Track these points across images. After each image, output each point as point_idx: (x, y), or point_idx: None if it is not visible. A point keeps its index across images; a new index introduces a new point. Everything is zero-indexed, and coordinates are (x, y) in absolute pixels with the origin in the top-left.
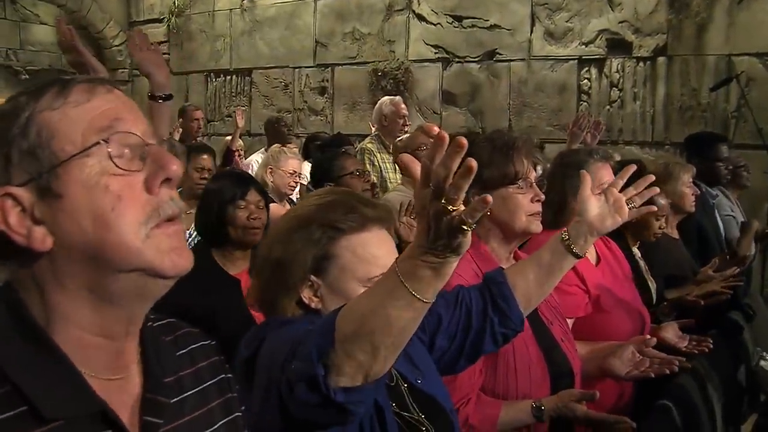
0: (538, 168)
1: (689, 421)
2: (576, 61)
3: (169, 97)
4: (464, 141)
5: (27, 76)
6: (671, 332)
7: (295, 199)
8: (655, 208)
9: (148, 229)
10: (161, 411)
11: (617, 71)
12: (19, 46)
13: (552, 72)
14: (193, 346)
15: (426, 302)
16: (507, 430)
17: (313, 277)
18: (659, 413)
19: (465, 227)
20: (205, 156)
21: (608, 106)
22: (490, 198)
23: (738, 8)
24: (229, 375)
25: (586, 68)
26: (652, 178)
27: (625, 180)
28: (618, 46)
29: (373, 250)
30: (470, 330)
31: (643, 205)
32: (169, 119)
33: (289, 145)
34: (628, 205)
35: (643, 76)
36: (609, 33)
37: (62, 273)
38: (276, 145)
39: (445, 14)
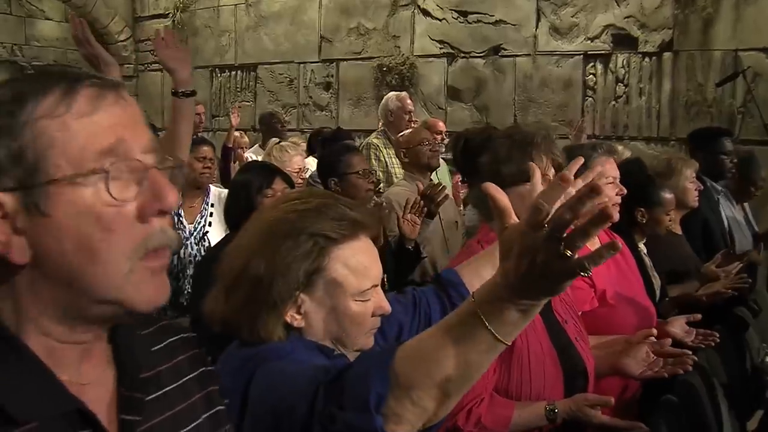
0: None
1: (695, 417)
2: (581, 56)
3: (192, 94)
4: (600, 187)
5: (32, 72)
6: (678, 327)
7: None
8: (618, 199)
9: (133, 262)
10: (139, 408)
11: (623, 66)
12: (24, 41)
13: (557, 67)
14: (172, 338)
15: (507, 344)
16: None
17: (300, 294)
18: (665, 409)
19: (584, 273)
20: (205, 147)
21: (613, 102)
22: (619, 246)
23: (744, 3)
24: (210, 368)
25: (592, 63)
26: (581, 160)
27: (573, 172)
28: (624, 41)
29: (365, 261)
30: None
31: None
32: (192, 115)
33: (294, 140)
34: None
35: (648, 72)
36: (614, 28)
37: (37, 287)
38: (274, 140)
39: (451, 9)
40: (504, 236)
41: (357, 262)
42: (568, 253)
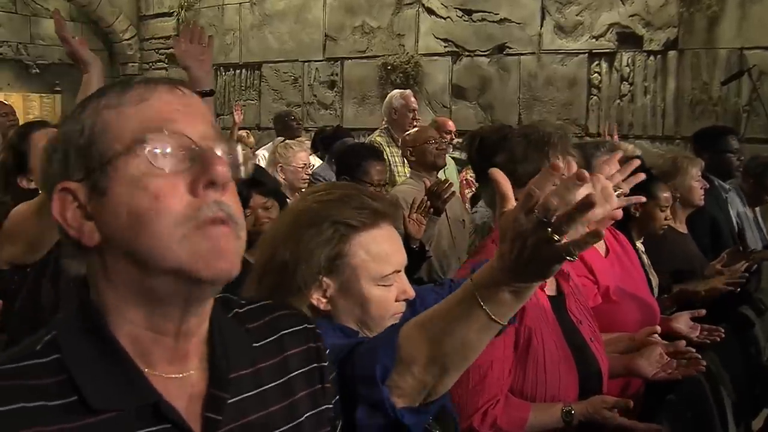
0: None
1: (699, 416)
2: (586, 54)
3: (209, 93)
4: (586, 174)
5: (37, 70)
6: (682, 323)
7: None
8: (643, 199)
9: (186, 230)
10: (222, 407)
11: (628, 65)
12: (29, 40)
13: (562, 66)
14: (285, 331)
15: (503, 325)
16: None
17: (324, 279)
18: (669, 408)
19: (570, 258)
20: None
21: (618, 100)
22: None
23: (750, 2)
24: (324, 363)
25: (597, 62)
26: (638, 162)
27: (611, 167)
28: (628, 39)
29: (386, 248)
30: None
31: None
32: (213, 115)
33: (299, 138)
34: (615, 191)
35: (653, 70)
36: (619, 27)
37: (109, 269)
38: (279, 139)
39: (455, 8)
40: (502, 220)
41: (378, 249)
42: (555, 237)
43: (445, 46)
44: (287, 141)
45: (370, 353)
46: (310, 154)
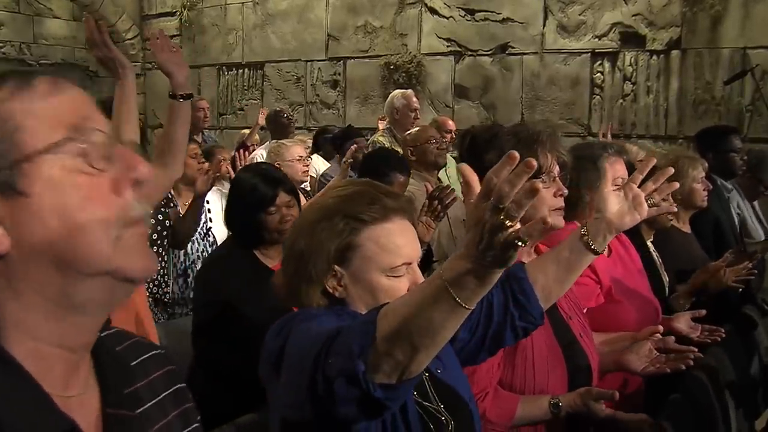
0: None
1: (702, 415)
2: (589, 54)
3: (189, 96)
4: (534, 162)
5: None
6: (683, 323)
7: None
8: (675, 209)
9: (118, 231)
10: (128, 425)
11: (630, 65)
12: (32, 39)
13: (565, 65)
14: (145, 356)
15: (468, 309)
16: (523, 425)
17: (336, 267)
18: (672, 408)
19: (520, 243)
20: (192, 145)
21: (621, 100)
22: (538, 186)
23: (753, 1)
24: (184, 384)
25: (599, 62)
26: (671, 171)
27: (644, 175)
28: (631, 39)
29: (396, 240)
30: (491, 323)
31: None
32: (189, 118)
33: (299, 138)
34: (647, 201)
35: (656, 70)
36: (622, 26)
37: (17, 278)
38: (272, 142)
39: (458, 7)
40: (467, 210)
41: (388, 241)
42: (507, 222)
43: (447, 46)
44: (280, 141)
45: (351, 331)
46: (312, 153)
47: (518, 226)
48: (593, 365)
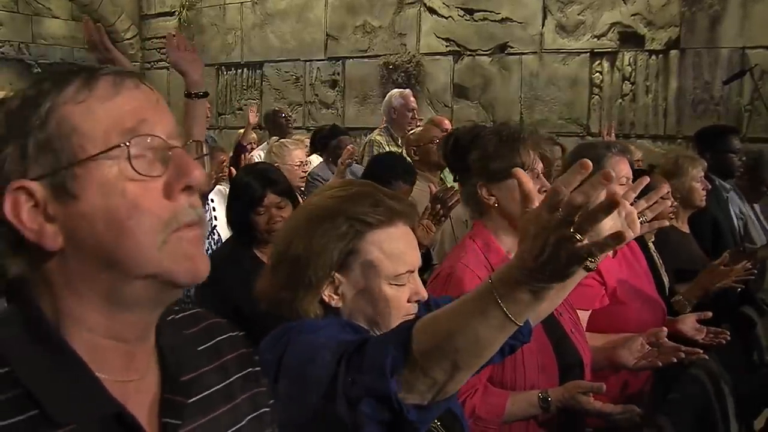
0: None
1: (701, 415)
2: (588, 54)
3: (204, 95)
4: (611, 173)
5: (39, 70)
6: (688, 324)
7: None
8: (666, 223)
9: (166, 235)
10: (180, 411)
11: (629, 64)
12: (31, 39)
13: (564, 65)
14: (220, 337)
15: (518, 324)
16: (514, 421)
17: (336, 274)
18: (671, 407)
19: (591, 260)
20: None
21: (620, 100)
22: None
23: (752, 1)
24: (258, 368)
25: (598, 61)
26: (666, 189)
27: (637, 192)
28: (630, 39)
29: (401, 246)
30: None
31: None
32: (205, 116)
33: (297, 137)
34: (639, 218)
35: (655, 70)
36: (621, 26)
37: (72, 275)
38: (274, 138)
39: (457, 7)
40: (523, 219)
41: (392, 247)
42: (578, 236)
43: (446, 46)
44: (282, 140)
45: (381, 346)
46: (311, 154)
47: (586, 241)
48: (585, 361)
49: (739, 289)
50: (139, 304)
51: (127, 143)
